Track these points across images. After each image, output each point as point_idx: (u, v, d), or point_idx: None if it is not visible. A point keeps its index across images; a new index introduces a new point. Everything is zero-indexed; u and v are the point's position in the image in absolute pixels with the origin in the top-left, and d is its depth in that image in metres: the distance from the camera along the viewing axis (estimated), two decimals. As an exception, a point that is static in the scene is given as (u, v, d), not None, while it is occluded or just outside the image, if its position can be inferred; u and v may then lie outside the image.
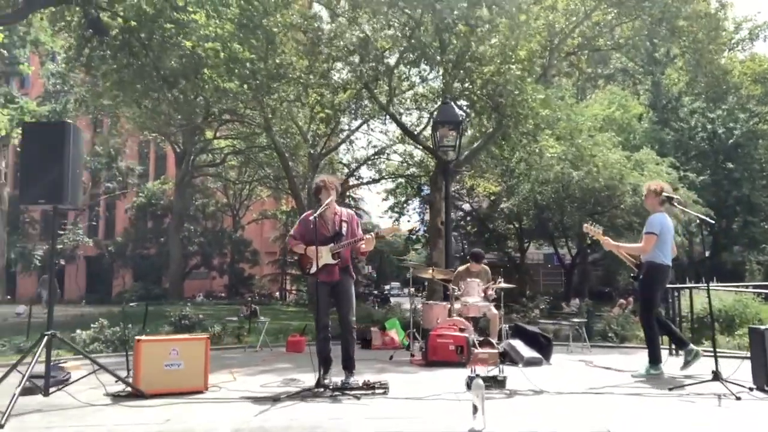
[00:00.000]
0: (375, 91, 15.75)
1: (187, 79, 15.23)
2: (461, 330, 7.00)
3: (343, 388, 4.94)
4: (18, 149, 39.80)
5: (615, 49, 18.34)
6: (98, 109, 25.72)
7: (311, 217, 5.23)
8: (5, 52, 29.32)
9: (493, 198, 29.23)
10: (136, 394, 4.85)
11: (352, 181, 32.97)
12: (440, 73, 14.37)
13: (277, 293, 40.28)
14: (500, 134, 13.91)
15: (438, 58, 13.11)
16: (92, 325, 8.90)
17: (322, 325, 5.38)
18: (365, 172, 37.89)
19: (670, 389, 5.10)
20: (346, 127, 28.12)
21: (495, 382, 5.10)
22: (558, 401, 4.78)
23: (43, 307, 20.98)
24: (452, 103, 11.37)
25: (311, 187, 24.83)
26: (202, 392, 5.09)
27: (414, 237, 34.68)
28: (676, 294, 10.44)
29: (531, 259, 39.14)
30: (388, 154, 29.19)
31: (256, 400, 4.76)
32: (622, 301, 17.20)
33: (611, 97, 26.46)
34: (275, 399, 4.72)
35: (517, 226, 30.35)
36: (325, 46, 13.46)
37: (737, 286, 12.57)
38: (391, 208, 33.66)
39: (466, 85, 13.66)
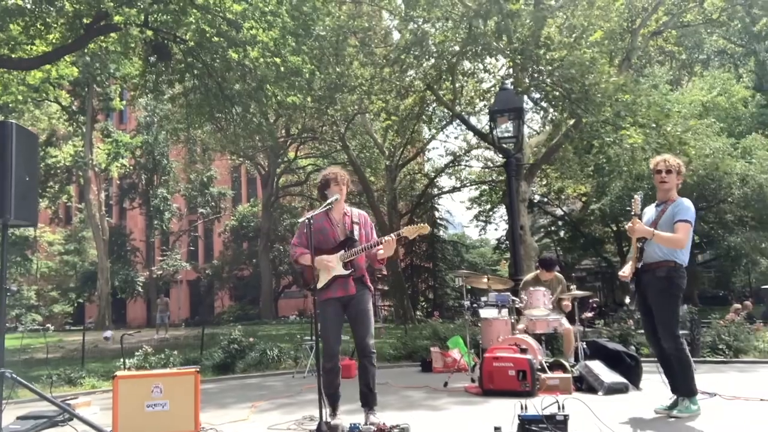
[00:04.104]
0: (440, 92, 14.79)
1: (251, 97, 15.01)
2: (523, 351, 5.78)
3: (351, 435, 3.95)
4: (118, 181, 42.20)
5: (706, 24, 16.27)
6: (188, 137, 26.52)
7: (304, 219, 4.27)
8: (99, 89, 31.05)
9: (584, 200, 27.29)
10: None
11: (434, 192, 32.14)
12: (507, 64, 13.15)
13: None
14: (576, 126, 12.49)
15: (501, 46, 11.91)
16: (136, 354, 8.43)
17: (331, 353, 4.32)
18: (446, 182, 36.83)
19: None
20: (425, 137, 27.41)
21: (552, 423, 3.94)
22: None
23: (165, 331, 21.38)
24: (511, 88, 10.12)
25: (389, 200, 24.42)
26: (193, 437, 4.28)
27: (504, 246, 33.15)
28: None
29: (636, 262, 36.36)
30: (467, 161, 28.07)
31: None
32: (737, 306, 15.04)
33: (712, 81, 24.04)
34: (265, 449, 3.83)
35: (615, 228, 28.12)
36: (376, 46, 12.61)
37: None
38: (476, 217, 32.38)
39: (535, 75, 12.36)
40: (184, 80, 15.43)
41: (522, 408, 4.03)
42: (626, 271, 4.80)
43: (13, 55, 13.69)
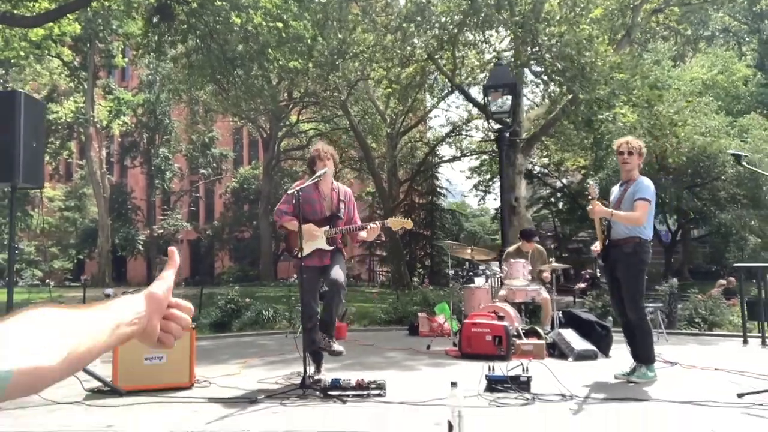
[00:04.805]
0: (441, 62, 14.88)
1: (253, 60, 15.12)
2: (500, 318, 6.13)
3: (332, 388, 4.29)
4: (119, 139, 42.29)
5: (706, 2, 16.21)
6: (190, 97, 26.58)
7: (293, 190, 4.54)
8: (101, 45, 30.92)
9: (582, 172, 27.46)
10: (115, 392, 4.47)
11: (434, 160, 32.31)
12: (509, 36, 13.23)
13: (366, 275, 40.29)
14: (573, 102, 12.63)
15: (502, 18, 11.99)
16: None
17: (310, 313, 4.66)
18: (446, 150, 36.94)
19: (740, 396, 4.07)
20: (427, 105, 27.46)
21: (516, 384, 4.29)
22: (585, 412, 3.90)
23: None
24: (505, 64, 10.28)
25: (389, 167, 24.57)
26: (187, 388, 4.63)
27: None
28: None
29: (630, 237, 36.71)
30: (468, 131, 28.17)
31: (231, 401, 4.23)
32: (722, 281, 15.38)
33: (714, 59, 24.00)
34: (252, 401, 4.18)
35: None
36: (377, 15, 12.68)
37: None
38: (476, 186, 32.61)
39: (535, 49, 12.46)
40: (187, 41, 15.51)
41: (489, 369, 4.38)
42: (597, 246, 5.12)
43: (15, 12, 13.76)
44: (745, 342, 7.60)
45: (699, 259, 34.12)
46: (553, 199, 33.85)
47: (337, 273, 4.62)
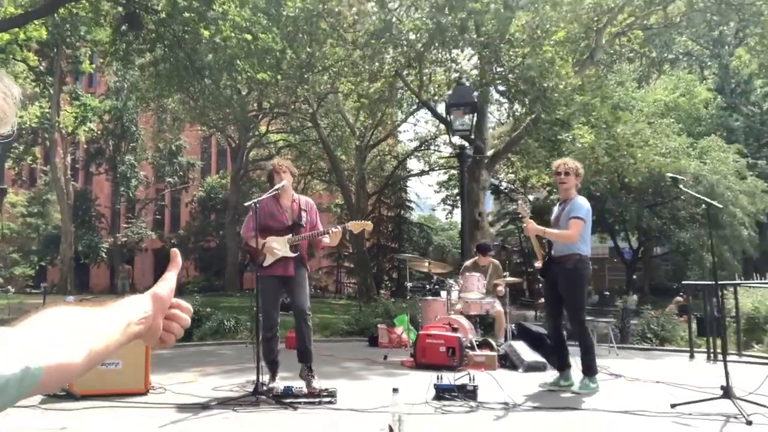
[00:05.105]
0: (408, 78, 15.13)
1: (221, 71, 15.17)
2: (454, 329, 6.31)
3: (284, 396, 4.41)
4: (85, 146, 41.69)
5: (668, 26, 16.82)
6: (158, 105, 26.40)
7: (250, 202, 4.68)
8: (68, 50, 30.55)
9: (548, 189, 28.02)
10: (70, 396, 4.51)
11: (403, 174, 32.60)
12: (476, 55, 13.55)
13: (333, 286, 40.25)
14: (535, 122, 12.98)
15: (468, 38, 12.29)
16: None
17: (270, 323, 4.78)
18: (415, 164, 37.31)
19: (672, 406, 4.30)
20: (398, 119, 27.74)
21: (462, 392, 4.45)
22: (525, 419, 4.09)
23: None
24: (467, 84, 10.56)
25: (358, 179, 24.70)
26: (143, 394, 4.69)
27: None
28: (725, 291, 9.47)
29: (595, 253, 37.48)
30: (437, 146, 28.54)
31: (184, 407, 4.31)
32: (678, 298, 15.85)
33: (676, 82, 24.81)
34: (204, 406, 4.27)
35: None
36: (345, 31, 12.88)
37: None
38: (444, 201, 32.99)
39: (500, 69, 12.79)
40: (155, 50, 15.48)
41: (438, 378, 4.54)
42: (538, 264, 5.37)
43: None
44: (692, 357, 7.91)
45: (662, 276, 34.95)
46: (518, 215, 34.36)
47: (301, 300, 4.78)
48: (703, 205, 19.59)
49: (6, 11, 13.65)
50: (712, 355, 7.70)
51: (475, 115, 9.41)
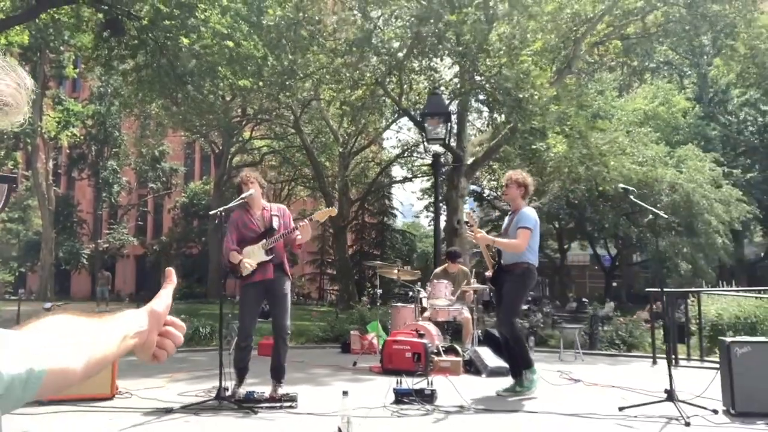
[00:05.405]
0: (390, 86, 15.32)
1: (203, 77, 15.25)
2: (420, 335, 6.47)
3: (245, 401, 4.53)
4: (68, 151, 41.45)
5: (645, 36, 17.17)
6: (140, 111, 26.38)
7: (216, 211, 4.83)
8: (52, 55, 30.43)
9: (530, 197, 28.30)
10: (35, 400, 4.58)
11: (386, 181, 32.77)
12: (455, 65, 13.77)
13: (316, 293, 40.26)
14: (513, 131, 13.21)
15: (447, 47, 12.50)
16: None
17: (246, 333, 4.92)
18: (399, 171, 37.55)
19: (620, 409, 4.47)
20: (381, 126, 27.91)
21: (420, 396, 4.60)
22: (476, 421, 4.25)
23: (106, 305, 21.30)
24: (441, 95, 10.77)
25: (341, 186, 24.79)
26: (108, 398, 4.78)
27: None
28: (692, 299, 9.73)
29: (575, 260, 37.87)
30: (420, 153, 28.73)
31: (147, 411, 4.42)
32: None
33: (656, 91, 25.23)
34: (167, 410, 4.38)
35: (556, 225, 29.28)
36: (325, 39, 13.04)
37: (759, 290, 11.41)
38: (426, 208, 33.20)
39: (478, 78, 13.01)
40: (137, 56, 15.54)
41: (398, 383, 4.68)
42: (489, 273, 5.57)
43: (-40, 22, 13.64)
44: (654, 362, 8.11)
45: (641, 283, 35.39)
46: (501, 222, 34.63)
47: (281, 318, 4.90)
48: (681, 214, 19.82)
49: (-15, 17, 13.67)
50: (673, 360, 7.91)
51: (450, 124, 9.60)
